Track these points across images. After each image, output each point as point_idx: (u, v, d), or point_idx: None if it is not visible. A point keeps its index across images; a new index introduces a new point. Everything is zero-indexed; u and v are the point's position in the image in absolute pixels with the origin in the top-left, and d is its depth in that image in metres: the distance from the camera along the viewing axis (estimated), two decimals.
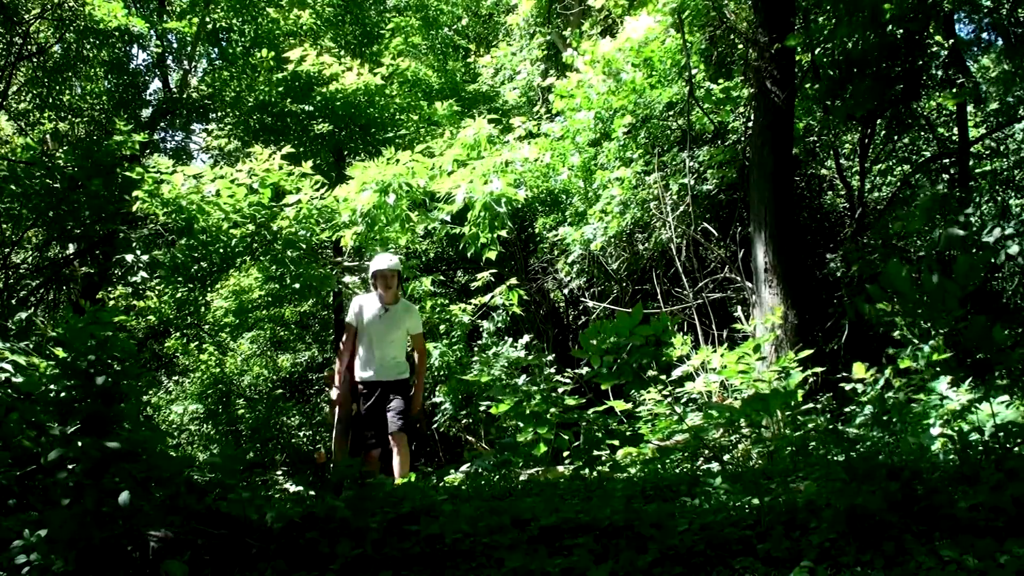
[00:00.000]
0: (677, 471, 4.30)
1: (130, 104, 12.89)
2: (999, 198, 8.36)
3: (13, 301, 10.86)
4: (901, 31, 7.54)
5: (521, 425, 5.49)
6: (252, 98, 11.16)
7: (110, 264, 11.44)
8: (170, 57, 13.54)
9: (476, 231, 7.45)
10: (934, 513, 2.40)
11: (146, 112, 13.31)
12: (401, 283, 6.33)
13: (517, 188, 7.30)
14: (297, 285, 8.15)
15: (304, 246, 8.08)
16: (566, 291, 10.39)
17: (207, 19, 12.07)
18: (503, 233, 7.66)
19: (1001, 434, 2.93)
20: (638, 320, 4.10)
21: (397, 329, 5.99)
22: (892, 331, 5.05)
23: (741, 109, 8.20)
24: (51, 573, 2.24)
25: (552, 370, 6.97)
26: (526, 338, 8.14)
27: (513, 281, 8.62)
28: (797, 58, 7.54)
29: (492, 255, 7.49)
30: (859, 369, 4.86)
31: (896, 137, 9.18)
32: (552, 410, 5.56)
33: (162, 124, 13.31)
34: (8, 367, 3.43)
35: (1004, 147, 9.90)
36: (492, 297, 8.51)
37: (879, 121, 8.74)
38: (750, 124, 7.57)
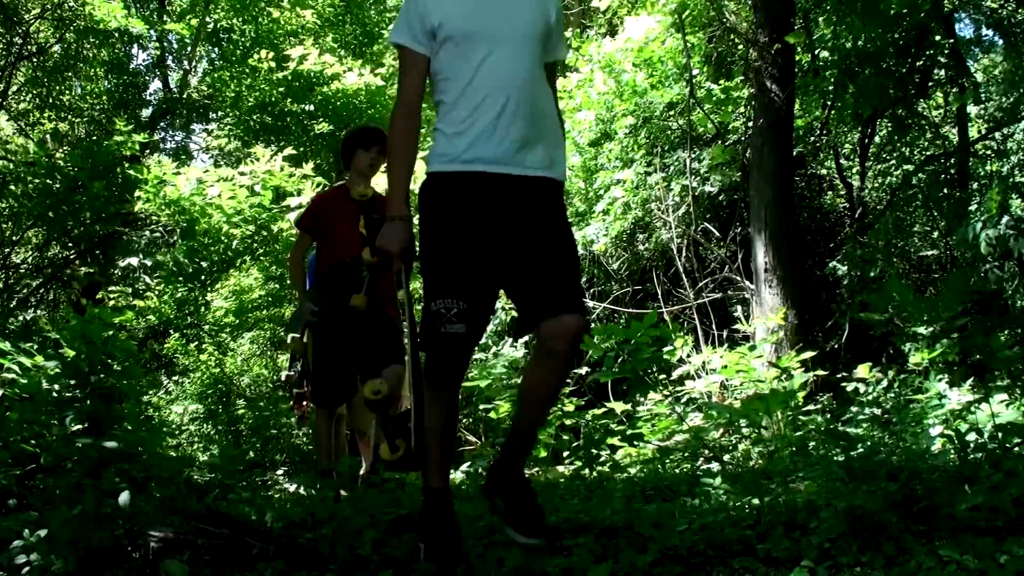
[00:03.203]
0: (677, 471, 4.31)
1: (130, 104, 12.92)
2: (998, 199, 8.36)
3: (13, 302, 10.87)
4: (902, 30, 7.55)
5: None
6: (252, 98, 11.17)
7: (111, 265, 11.46)
8: (170, 57, 13.56)
9: None
10: (934, 513, 2.41)
11: (146, 112, 13.34)
12: None
13: None
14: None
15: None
16: None
17: (207, 19, 12.07)
18: None
19: (1000, 434, 2.94)
20: (649, 325, 4.15)
21: (536, 30, 2.51)
22: (891, 334, 5.07)
23: (741, 109, 8.20)
24: (51, 573, 2.24)
25: None
26: (526, 338, 8.14)
27: None
28: (797, 58, 7.54)
29: None
30: (864, 369, 4.86)
31: (896, 137, 9.19)
32: (552, 410, 5.57)
33: (162, 124, 13.34)
34: (15, 367, 3.44)
35: (1005, 147, 9.90)
36: None
37: (879, 121, 8.75)
38: (750, 124, 7.57)
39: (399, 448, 2.48)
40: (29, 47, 11.45)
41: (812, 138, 8.88)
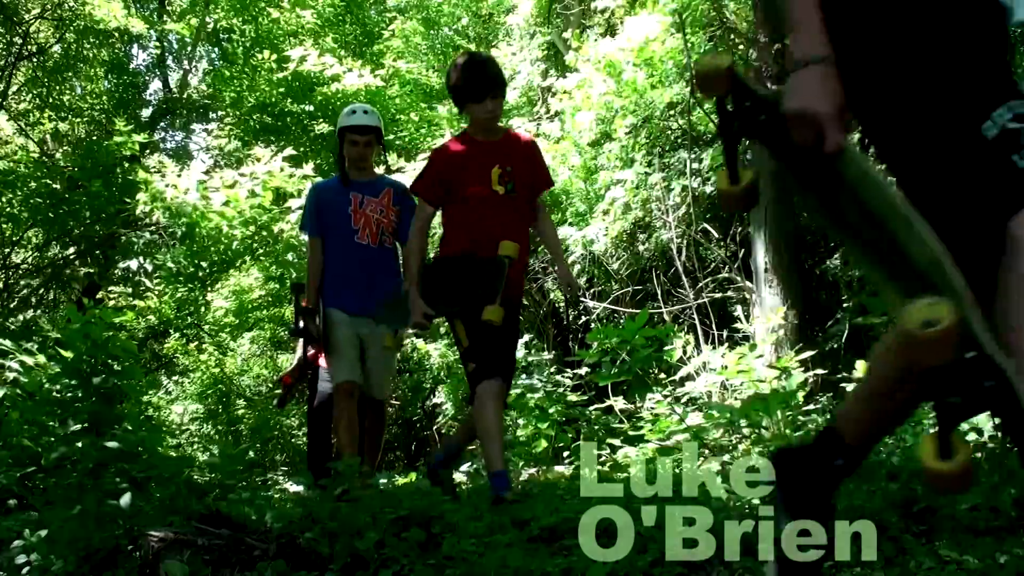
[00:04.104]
0: (677, 471, 4.30)
1: (130, 104, 12.93)
2: None
3: (14, 302, 10.88)
4: None
5: (521, 422, 5.50)
6: (252, 98, 11.17)
7: (111, 266, 11.47)
8: (170, 57, 13.57)
9: None
10: (934, 513, 2.41)
11: (146, 112, 13.36)
12: None
13: None
14: None
15: (306, 248, 8.12)
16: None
17: (207, 19, 12.08)
18: None
19: (1000, 434, 2.94)
20: (642, 323, 4.16)
21: None
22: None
23: None
24: (51, 573, 2.25)
25: (552, 369, 6.97)
26: (526, 338, 8.14)
27: None
28: None
29: None
30: (862, 367, 4.86)
31: None
32: (555, 408, 5.57)
33: (162, 124, 13.36)
34: (16, 366, 3.45)
35: None
36: None
37: None
38: None
39: (958, 452, 1.40)
40: (29, 47, 11.46)
41: None
